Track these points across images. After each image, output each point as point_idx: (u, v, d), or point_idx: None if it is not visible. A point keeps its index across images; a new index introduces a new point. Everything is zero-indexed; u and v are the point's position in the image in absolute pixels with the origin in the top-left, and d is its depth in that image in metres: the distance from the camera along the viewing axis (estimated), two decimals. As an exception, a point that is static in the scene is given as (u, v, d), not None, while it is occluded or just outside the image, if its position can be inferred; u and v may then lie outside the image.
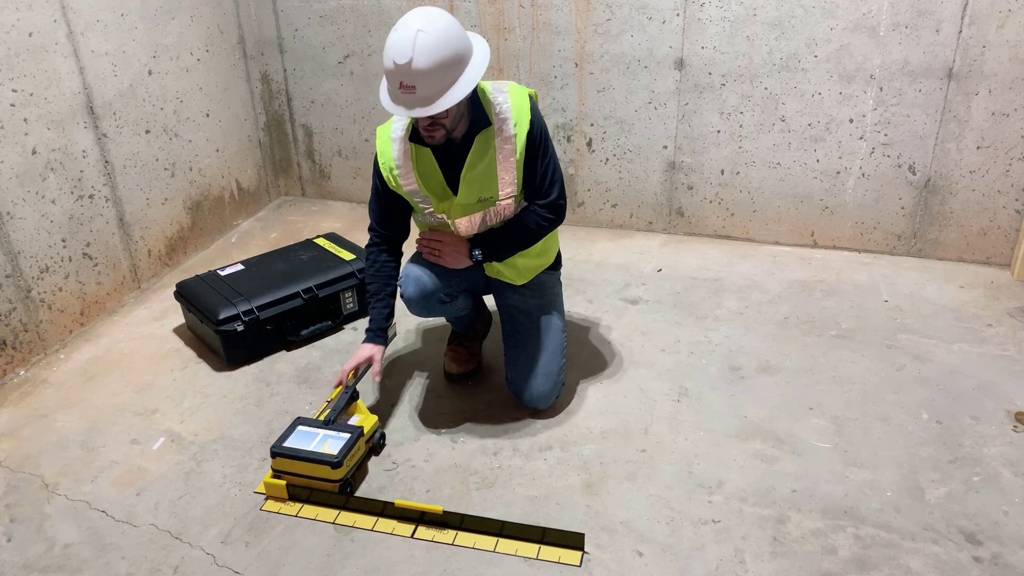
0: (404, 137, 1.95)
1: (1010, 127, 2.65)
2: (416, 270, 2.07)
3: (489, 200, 1.96)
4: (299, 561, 1.71)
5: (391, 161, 1.97)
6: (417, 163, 1.96)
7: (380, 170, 2.00)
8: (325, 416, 1.98)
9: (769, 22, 2.76)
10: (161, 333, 2.63)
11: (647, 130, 3.06)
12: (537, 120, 1.93)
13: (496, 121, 1.89)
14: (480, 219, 2.00)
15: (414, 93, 1.71)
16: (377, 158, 2.00)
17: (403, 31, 1.68)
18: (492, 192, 1.95)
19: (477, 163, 1.91)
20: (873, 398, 2.17)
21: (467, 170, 1.91)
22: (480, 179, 1.93)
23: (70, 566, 1.72)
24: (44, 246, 2.47)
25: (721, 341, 2.46)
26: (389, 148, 1.97)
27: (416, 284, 2.06)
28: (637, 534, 1.74)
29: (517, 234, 2.02)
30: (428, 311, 2.13)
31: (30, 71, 2.36)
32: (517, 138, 1.90)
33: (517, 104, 1.91)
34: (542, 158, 1.95)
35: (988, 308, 2.59)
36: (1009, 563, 1.64)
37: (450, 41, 1.71)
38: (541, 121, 1.96)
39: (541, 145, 1.94)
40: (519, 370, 2.12)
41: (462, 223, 2.01)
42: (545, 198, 2.00)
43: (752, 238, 3.13)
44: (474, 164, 1.91)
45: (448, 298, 2.12)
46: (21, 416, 2.22)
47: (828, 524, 1.75)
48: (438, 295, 2.08)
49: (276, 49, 3.44)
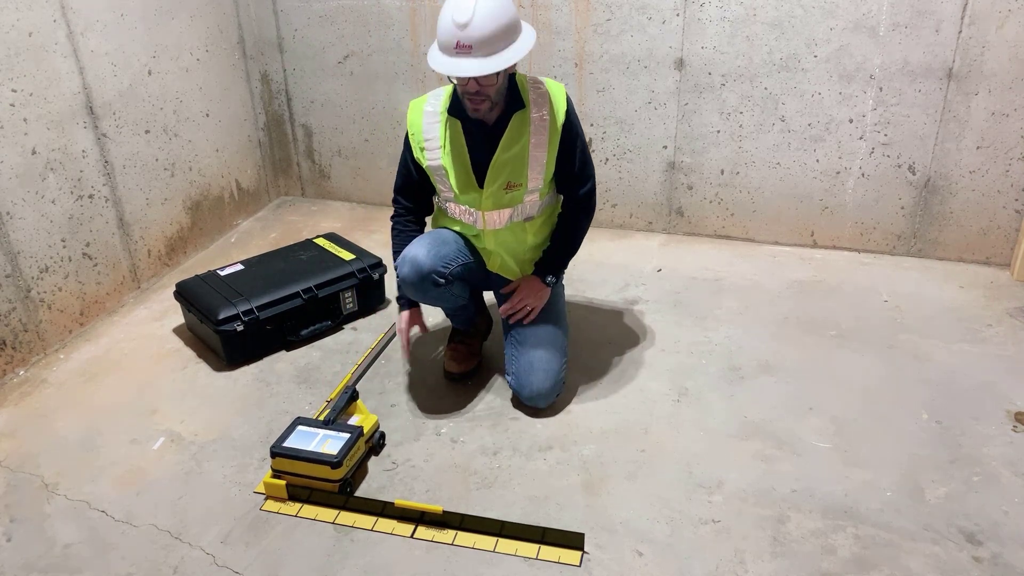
0: (439, 111, 2.01)
1: (1010, 127, 2.65)
2: (412, 250, 2.07)
3: (518, 188, 2.00)
4: (299, 561, 1.71)
5: (420, 132, 2.04)
6: (448, 140, 2.00)
7: (409, 141, 2.08)
8: (325, 416, 1.98)
9: (769, 22, 2.76)
10: (161, 333, 2.63)
11: (647, 130, 3.06)
12: (572, 108, 2.03)
13: (533, 105, 1.96)
14: (509, 215, 2.07)
15: (469, 54, 1.78)
16: (408, 129, 2.07)
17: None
18: (522, 178, 1.99)
19: (511, 145, 1.97)
20: (873, 398, 2.17)
21: (501, 151, 1.97)
22: (512, 162, 1.97)
23: (70, 566, 1.72)
24: (44, 246, 2.47)
25: (721, 341, 2.46)
26: (420, 120, 2.04)
27: (411, 264, 2.05)
28: (637, 534, 1.74)
29: (570, 239, 2.16)
30: (423, 293, 2.10)
31: (30, 71, 2.36)
32: (554, 122, 1.97)
33: (555, 92, 2.00)
34: (579, 143, 2.04)
35: (988, 308, 2.59)
36: (1009, 563, 1.64)
37: (507, 8, 1.82)
38: (575, 112, 2.05)
39: (577, 131, 2.03)
40: (520, 368, 2.12)
41: (492, 216, 2.06)
42: (583, 184, 2.10)
43: (752, 238, 3.13)
44: (508, 145, 1.97)
45: (443, 280, 2.08)
46: (21, 416, 2.22)
47: (828, 524, 1.75)
48: (432, 276, 2.06)
49: (276, 49, 3.44)
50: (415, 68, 3.25)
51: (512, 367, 2.15)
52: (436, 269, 2.06)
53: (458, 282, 2.16)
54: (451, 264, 2.10)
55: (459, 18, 1.76)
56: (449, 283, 2.12)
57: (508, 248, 2.16)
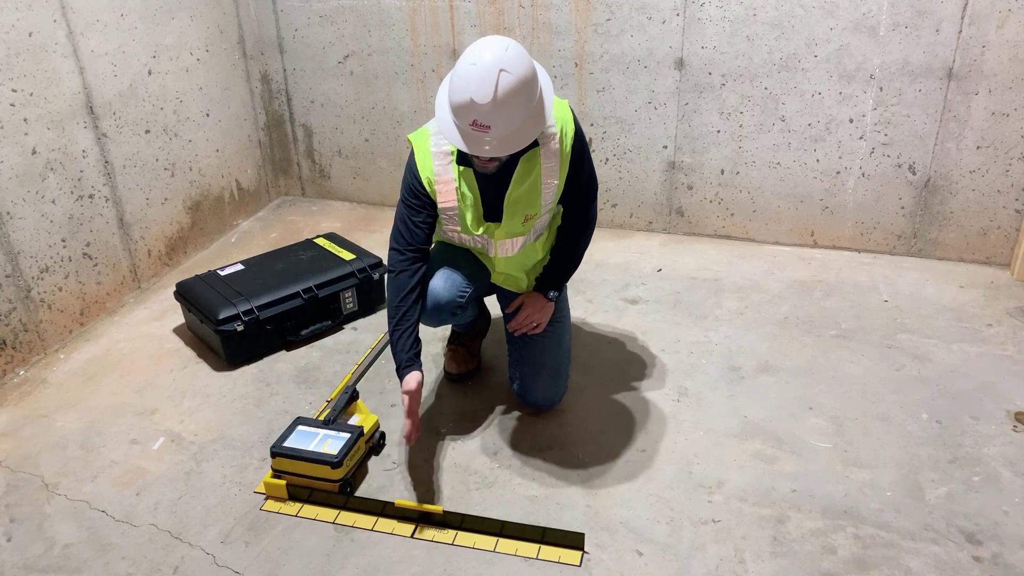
0: (446, 153, 1.85)
1: (1010, 127, 2.65)
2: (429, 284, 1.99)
3: (533, 218, 1.91)
4: (299, 561, 1.71)
5: (431, 175, 1.86)
6: (461, 184, 1.87)
7: (417, 183, 1.87)
8: (325, 416, 1.98)
9: (769, 22, 2.76)
10: (161, 333, 2.63)
11: (647, 130, 3.06)
12: (579, 128, 1.90)
13: (543, 139, 1.81)
14: (522, 242, 1.98)
15: (487, 132, 1.63)
16: (414, 170, 1.87)
17: (484, 69, 1.58)
18: (536, 209, 1.89)
19: (523, 181, 1.84)
20: (873, 398, 2.17)
21: (514, 187, 1.83)
22: (525, 198, 1.86)
23: (70, 566, 1.72)
24: (44, 246, 2.47)
25: (721, 341, 2.46)
26: (429, 162, 1.86)
27: (431, 298, 1.98)
28: (637, 534, 1.74)
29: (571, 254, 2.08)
30: (440, 321, 2.06)
31: (30, 71, 2.36)
32: (562, 150, 1.84)
33: (561, 116, 1.84)
34: (586, 163, 1.95)
35: (988, 308, 2.59)
36: (1009, 563, 1.64)
37: (529, 81, 1.63)
38: (581, 128, 1.93)
39: (585, 152, 1.93)
40: (525, 372, 2.11)
41: (504, 244, 1.96)
42: (588, 200, 2.02)
43: (752, 238, 3.13)
44: (521, 181, 1.83)
45: (459, 310, 2.05)
46: (21, 416, 2.22)
47: (828, 524, 1.75)
48: (451, 307, 2.00)
49: (276, 49, 3.44)
50: (415, 68, 3.25)
51: (517, 370, 2.14)
52: (455, 300, 2.00)
53: (472, 304, 2.15)
54: (467, 290, 2.03)
55: (480, 99, 1.58)
56: (465, 309, 2.09)
57: (518, 266, 2.08)
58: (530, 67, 1.64)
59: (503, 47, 1.61)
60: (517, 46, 1.64)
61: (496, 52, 1.59)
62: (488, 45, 1.61)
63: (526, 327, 2.06)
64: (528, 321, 2.06)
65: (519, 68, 1.60)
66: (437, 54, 3.19)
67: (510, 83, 1.58)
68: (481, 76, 1.58)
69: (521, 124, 1.66)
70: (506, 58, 1.59)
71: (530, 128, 1.68)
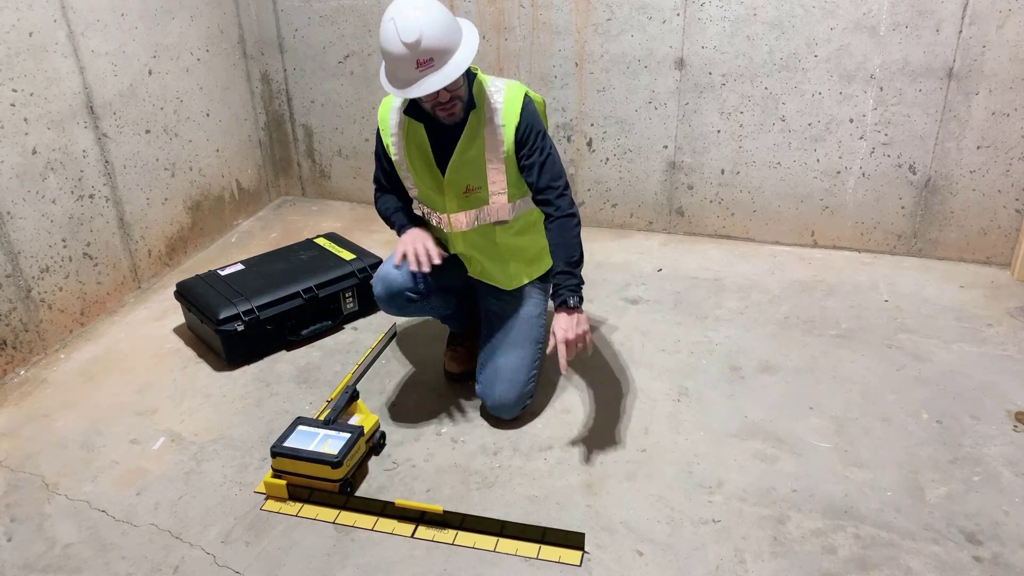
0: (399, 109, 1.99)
1: (1010, 127, 2.65)
2: (384, 269, 2.10)
3: (479, 192, 1.97)
4: (299, 561, 1.71)
5: (388, 129, 2.02)
6: (408, 137, 1.98)
7: (380, 136, 2.05)
8: (325, 416, 1.98)
9: (769, 22, 2.75)
10: (161, 333, 2.63)
11: (647, 130, 3.06)
12: (528, 119, 1.91)
13: (486, 109, 1.90)
14: (475, 215, 2.02)
15: (432, 67, 1.74)
16: (379, 124, 2.04)
17: (401, 16, 1.72)
18: (481, 183, 1.96)
19: (467, 148, 1.92)
20: (873, 398, 2.17)
21: (458, 152, 1.92)
22: (469, 166, 1.94)
23: (70, 566, 1.72)
24: (44, 246, 2.47)
25: (721, 341, 2.46)
26: (388, 116, 2.02)
27: (383, 282, 2.09)
28: (637, 534, 1.74)
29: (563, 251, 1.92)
30: (399, 309, 2.14)
31: (30, 71, 2.36)
32: (505, 132, 1.91)
33: (510, 98, 1.91)
34: (537, 154, 1.92)
35: (988, 308, 2.59)
36: (1009, 563, 1.64)
37: (443, 11, 1.77)
38: (534, 121, 1.92)
39: (532, 144, 1.91)
40: (486, 375, 2.10)
41: (458, 218, 2.02)
42: (552, 192, 1.93)
43: (752, 238, 3.13)
44: (465, 148, 1.92)
45: (418, 296, 2.10)
46: (21, 416, 2.22)
47: (828, 524, 1.75)
48: (405, 293, 2.08)
49: (276, 49, 3.44)
50: (415, 68, 3.25)
51: (480, 373, 2.12)
52: (408, 286, 2.07)
53: (437, 294, 2.15)
54: (423, 280, 2.08)
55: (408, 37, 1.70)
56: (425, 297, 2.11)
57: (482, 250, 2.09)
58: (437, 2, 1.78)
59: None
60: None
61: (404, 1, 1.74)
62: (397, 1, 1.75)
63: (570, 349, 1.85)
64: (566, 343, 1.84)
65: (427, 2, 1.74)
66: (437, 54, 3.19)
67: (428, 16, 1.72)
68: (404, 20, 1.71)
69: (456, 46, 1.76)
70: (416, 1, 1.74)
71: (465, 47, 1.78)
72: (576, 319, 1.86)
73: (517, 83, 1.95)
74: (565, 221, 1.93)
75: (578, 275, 1.91)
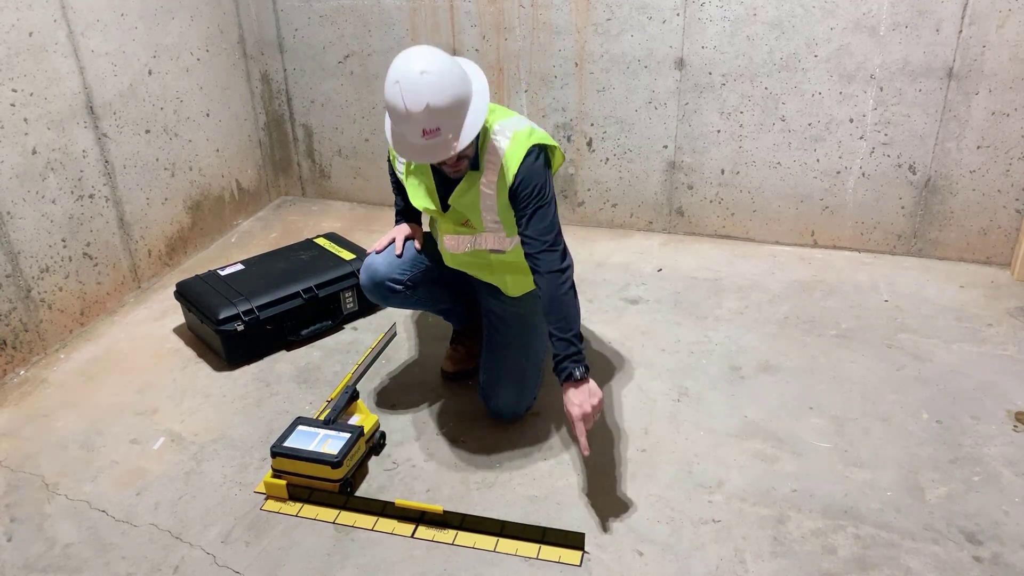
0: None
1: (1010, 127, 2.65)
2: (369, 258, 2.12)
3: (469, 225, 1.96)
4: (299, 561, 1.71)
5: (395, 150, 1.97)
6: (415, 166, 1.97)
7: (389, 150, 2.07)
8: (325, 416, 1.98)
9: (769, 22, 2.75)
10: (161, 333, 2.63)
11: (647, 130, 3.06)
12: (525, 176, 1.79)
13: (486, 165, 1.82)
14: (471, 242, 2.01)
15: (439, 135, 1.66)
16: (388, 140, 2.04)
17: (406, 81, 1.61)
18: (477, 224, 1.94)
19: (463, 195, 1.89)
20: (873, 398, 2.17)
21: (454, 198, 1.90)
22: (465, 209, 1.92)
23: (70, 566, 1.72)
24: (44, 246, 2.47)
25: (721, 341, 2.46)
26: None
27: (366, 271, 2.11)
28: (637, 534, 1.74)
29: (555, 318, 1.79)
30: (383, 299, 2.14)
31: (30, 71, 2.36)
32: (498, 189, 1.84)
33: (511, 153, 1.80)
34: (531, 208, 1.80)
35: (988, 308, 2.59)
36: (1009, 563, 1.64)
37: (453, 72, 1.66)
38: (531, 177, 1.79)
39: (524, 200, 1.80)
40: (490, 377, 2.09)
41: (450, 240, 2.03)
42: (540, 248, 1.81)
43: (752, 238, 3.13)
44: (461, 195, 1.89)
45: (401, 287, 2.09)
46: (21, 416, 2.22)
47: (828, 524, 1.75)
48: (386, 283, 2.08)
49: (276, 49, 3.44)
50: (415, 68, 3.25)
51: (483, 375, 2.11)
52: (391, 276, 2.08)
53: (425, 287, 2.14)
54: (409, 271, 2.09)
55: (414, 107, 1.60)
56: (410, 289, 2.11)
57: (474, 268, 2.08)
58: (448, 62, 1.67)
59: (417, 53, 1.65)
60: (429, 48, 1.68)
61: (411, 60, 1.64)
62: (403, 58, 1.65)
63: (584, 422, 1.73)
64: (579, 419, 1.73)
65: (437, 65, 1.64)
66: (437, 54, 3.19)
67: (436, 81, 1.62)
68: (410, 85, 1.61)
69: (466, 110, 1.68)
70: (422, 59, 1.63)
71: (475, 113, 1.70)
72: (587, 390, 1.74)
73: (526, 132, 1.83)
74: (553, 278, 1.79)
75: (577, 343, 1.78)
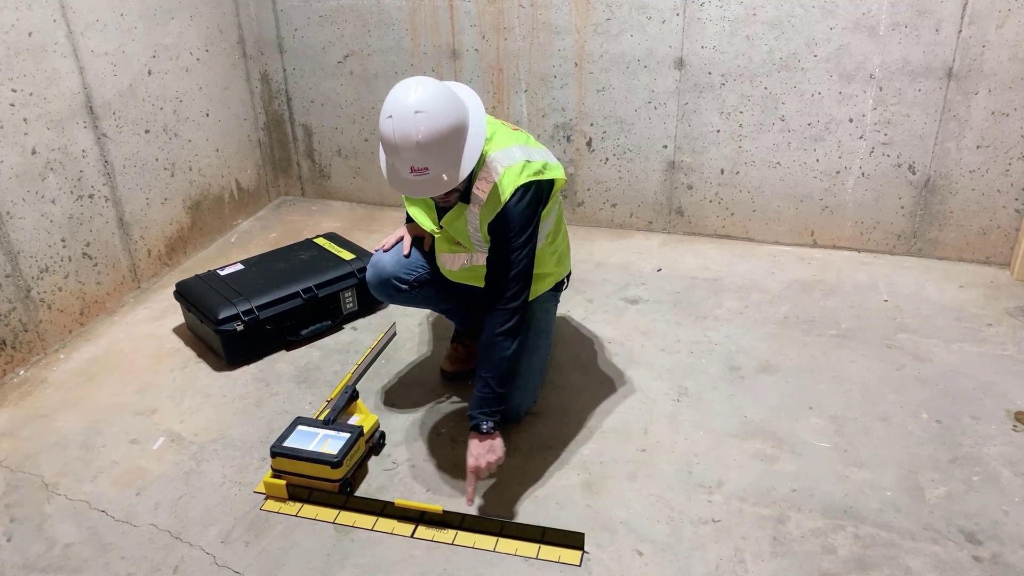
0: None
1: (1010, 126, 2.65)
2: (376, 255, 2.13)
3: (460, 245, 1.98)
4: (299, 561, 1.71)
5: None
6: None
7: None
8: (325, 416, 1.98)
9: (769, 22, 2.76)
10: (161, 333, 2.63)
11: (647, 130, 3.06)
12: (514, 211, 1.76)
13: (474, 197, 1.82)
14: (466, 259, 2.01)
15: (427, 174, 1.65)
16: None
17: (399, 117, 1.60)
18: (467, 246, 1.96)
19: (453, 221, 1.91)
20: (873, 398, 2.17)
21: (446, 221, 1.92)
22: (456, 233, 1.94)
23: (70, 566, 1.72)
24: (44, 246, 2.47)
25: (721, 341, 2.46)
26: None
27: (373, 268, 2.12)
28: (637, 534, 1.74)
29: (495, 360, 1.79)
30: (388, 297, 2.15)
31: (30, 71, 2.36)
32: (480, 221, 1.83)
33: (503, 187, 1.76)
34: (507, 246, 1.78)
35: (988, 308, 2.59)
36: (1009, 563, 1.64)
37: (449, 111, 1.63)
38: (514, 218, 1.76)
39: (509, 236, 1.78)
40: None
41: (445, 257, 2.03)
42: (502, 286, 1.78)
43: (752, 238, 3.13)
44: (451, 220, 1.91)
45: (407, 286, 2.10)
46: (21, 416, 2.22)
47: (828, 524, 1.75)
48: (392, 281, 2.09)
49: (276, 49, 3.43)
50: (415, 68, 3.25)
51: None
52: (398, 275, 2.09)
53: (430, 286, 2.14)
54: (415, 271, 2.11)
55: (404, 146, 1.60)
56: (415, 288, 2.12)
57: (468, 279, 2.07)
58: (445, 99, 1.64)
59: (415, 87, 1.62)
60: (430, 82, 1.65)
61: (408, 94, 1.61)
62: (401, 90, 1.63)
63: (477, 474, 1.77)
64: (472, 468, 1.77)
65: (433, 105, 1.61)
66: (437, 54, 3.19)
67: (429, 121, 1.59)
68: (401, 122, 1.60)
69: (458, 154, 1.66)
70: (419, 96, 1.60)
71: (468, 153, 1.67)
72: (489, 445, 1.77)
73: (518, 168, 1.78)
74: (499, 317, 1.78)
75: (500, 402, 1.80)
